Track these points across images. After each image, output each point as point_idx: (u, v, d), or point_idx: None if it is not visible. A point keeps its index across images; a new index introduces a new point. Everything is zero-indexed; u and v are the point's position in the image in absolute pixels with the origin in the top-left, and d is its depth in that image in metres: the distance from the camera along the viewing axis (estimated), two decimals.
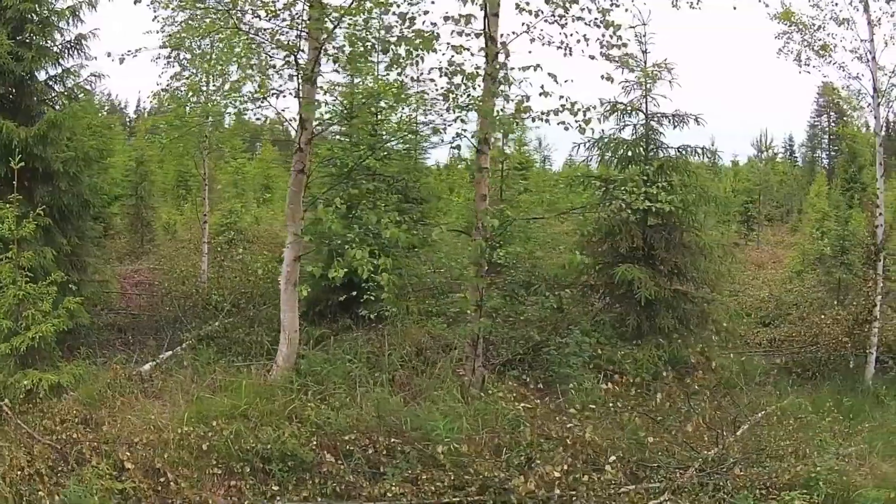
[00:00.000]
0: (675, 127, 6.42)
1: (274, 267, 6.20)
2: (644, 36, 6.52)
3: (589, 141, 5.97)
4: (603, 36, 4.83)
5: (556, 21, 4.90)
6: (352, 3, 4.24)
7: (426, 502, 3.39)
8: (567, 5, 4.67)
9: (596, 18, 4.75)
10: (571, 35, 4.93)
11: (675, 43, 7.46)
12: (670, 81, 6.51)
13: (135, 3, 4.55)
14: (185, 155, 8.93)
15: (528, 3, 4.80)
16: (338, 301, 5.73)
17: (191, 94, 5.05)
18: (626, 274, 5.61)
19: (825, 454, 4.36)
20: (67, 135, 6.41)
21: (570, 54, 4.99)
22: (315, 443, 3.91)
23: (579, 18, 4.91)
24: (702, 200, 6.10)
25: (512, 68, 4.67)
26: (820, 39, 7.03)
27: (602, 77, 4.92)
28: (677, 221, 6.07)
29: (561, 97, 4.47)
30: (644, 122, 6.45)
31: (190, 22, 4.66)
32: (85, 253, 6.92)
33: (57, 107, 6.61)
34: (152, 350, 6.30)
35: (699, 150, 6.49)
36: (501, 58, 4.65)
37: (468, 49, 4.59)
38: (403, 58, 4.30)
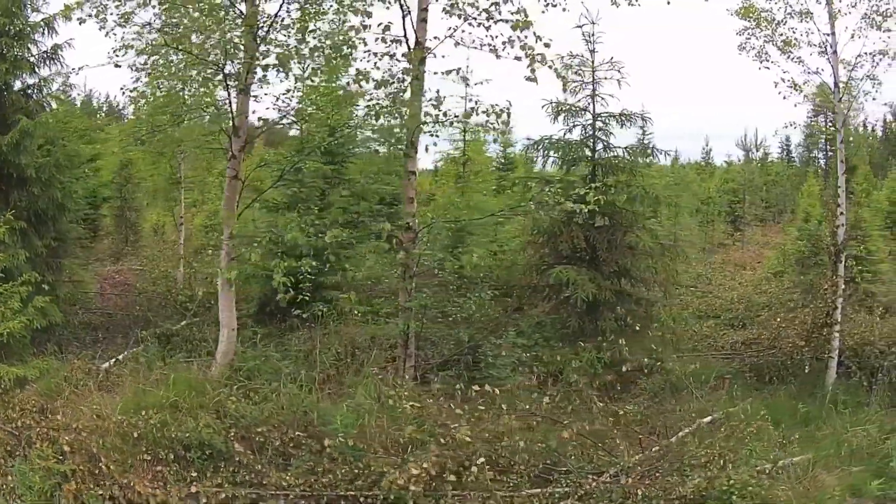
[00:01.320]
0: (621, 126, 6.57)
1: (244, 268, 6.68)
2: (592, 35, 6.70)
3: (530, 143, 6.19)
4: (526, 37, 5.05)
5: (480, 24, 5.15)
6: (274, 19, 4.61)
7: (322, 493, 3.74)
8: (489, 8, 4.93)
9: (518, 19, 4.96)
10: (497, 37, 5.19)
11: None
12: (619, 80, 6.68)
13: (80, 23, 5.04)
14: (165, 157, 9.49)
15: (451, 7, 5.08)
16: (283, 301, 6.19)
17: (142, 101, 5.52)
18: (561, 275, 5.80)
19: (744, 466, 4.38)
20: (40, 142, 7.03)
21: (498, 56, 5.24)
22: (233, 434, 4.32)
23: (502, 20, 5.14)
24: (646, 200, 6.22)
25: (436, 73, 4.96)
26: (782, 35, 7.01)
27: (526, 78, 5.14)
28: (622, 222, 6.21)
29: (471, 99, 4.71)
30: (591, 122, 6.63)
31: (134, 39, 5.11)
32: (62, 254, 7.54)
33: (34, 115, 7.24)
34: (119, 347, 6.87)
35: (650, 150, 6.62)
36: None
37: (392, 55, 4.92)
38: (326, 66, 4.65)
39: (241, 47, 4.88)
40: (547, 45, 5.01)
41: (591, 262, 6.21)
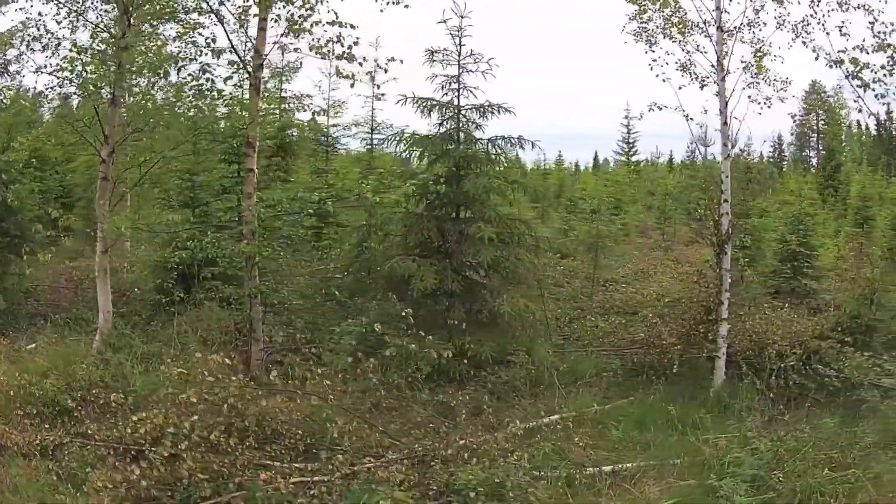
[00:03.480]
0: (482, 117, 7.26)
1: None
2: (460, 29, 7.45)
3: (385, 137, 7.03)
4: (348, 37, 5.96)
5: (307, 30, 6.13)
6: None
7: (111, 444, 4.88)
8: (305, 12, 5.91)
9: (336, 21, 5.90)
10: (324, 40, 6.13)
11: None
12: (483, 73, 7.35)
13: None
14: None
15: (278, 17, 6.14)
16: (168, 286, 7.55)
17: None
18: (397, 267, 6.58)
19: (521, 466, 4.73)
20: None
21: (323, 58, 6.19)
22: (78, 395, 5.66)
23: (317, 23, 6.08)
24: (502, 191, 6.83)
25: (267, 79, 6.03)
26: (672, 13, 7.32)
27: (340, 75, 6.07)
28: (477, 215, 6.86)
29: (306, 95, 5.67)
30: (454, 115, 7.35)
31: None
32: (8, 251, 9.37)
33: None
34: (49, 331, 8.54)
35: (513, 141, 7.23)
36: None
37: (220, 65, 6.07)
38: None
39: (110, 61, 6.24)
40: (366, 45, 5.92)
41: (445, 253, 6.94)
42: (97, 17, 6.48)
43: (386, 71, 6.06)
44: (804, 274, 9.64)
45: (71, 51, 6.13)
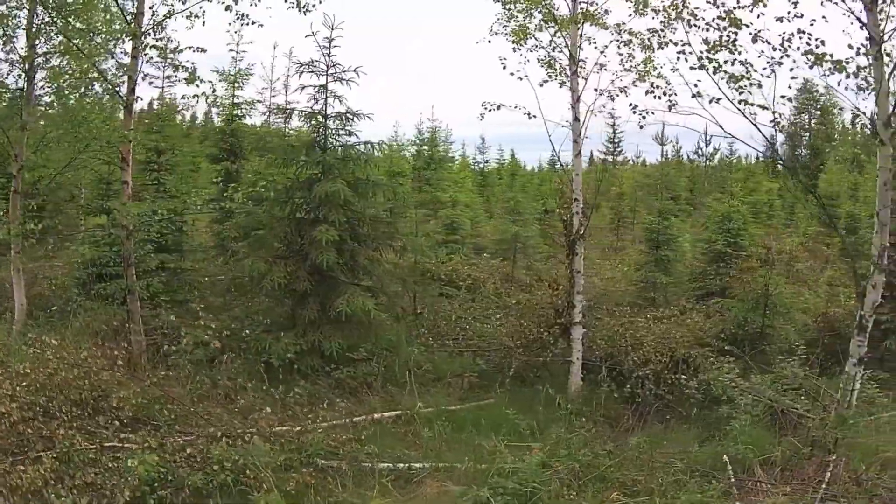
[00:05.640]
0: (344, 125, 7.63)
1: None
2: (329, 41, 7.85)
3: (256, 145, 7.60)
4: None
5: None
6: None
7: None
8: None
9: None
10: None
11: None
12: (347, 82, 7.72)
13: None
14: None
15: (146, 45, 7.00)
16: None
17: None
18: (248, 267, 7.15)
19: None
20: None
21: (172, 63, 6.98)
22: None
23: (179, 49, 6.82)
24: (346, 195, 7.19)
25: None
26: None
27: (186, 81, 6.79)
28: (323, 216, 7.22)
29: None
30: (322, 123, 7.77)
31: None
32: None
33: None
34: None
35: (370, 145, 7.61)
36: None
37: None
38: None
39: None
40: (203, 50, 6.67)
41: (302, 254, 7.42)
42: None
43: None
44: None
45: None
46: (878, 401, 6.39)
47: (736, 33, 5.53)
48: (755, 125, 5.80)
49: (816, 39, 5.57)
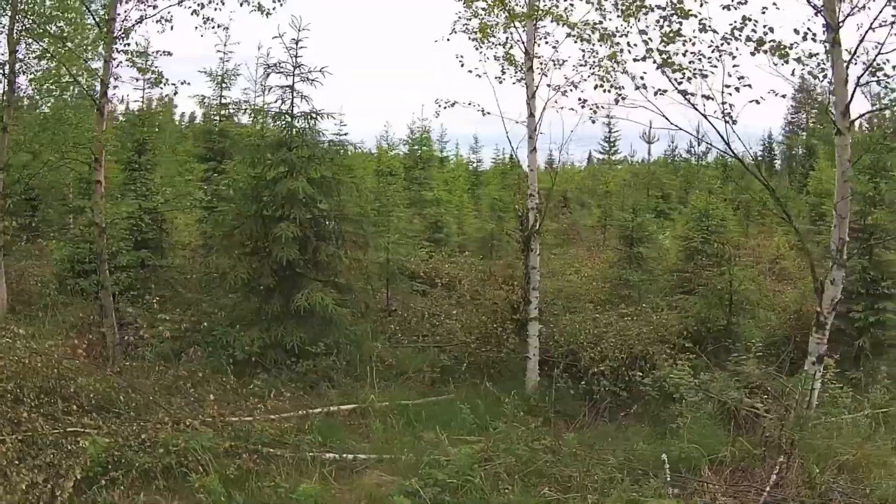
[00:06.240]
0: (309, 124, 7.83)
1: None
2: (297, 42, 8.07)
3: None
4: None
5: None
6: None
7: None
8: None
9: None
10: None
11: None
12: (313, 81, 7.92)
13: None
14: None
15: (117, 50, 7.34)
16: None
17: None
18: (212, 263, 7.38)
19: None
20: None
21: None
22: None
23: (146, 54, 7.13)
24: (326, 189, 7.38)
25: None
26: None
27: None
28: (284, 214, 7.37)
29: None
30: (289, 122, 7.98)
31: None
32: None
33: None
34: None
35: (334, 144, 7.79)
36: None
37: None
38: None
39: None
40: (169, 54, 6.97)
41: (267, 251, 7.63)
42: None
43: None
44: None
45: None
46: (841, 401, 6.30)
47: (681, 23, 5.52)
48: (703, 115, 5.77)
49: (765, 27, 5.52)
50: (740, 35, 5.61)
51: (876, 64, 5.63)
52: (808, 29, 5.32)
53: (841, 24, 5.71)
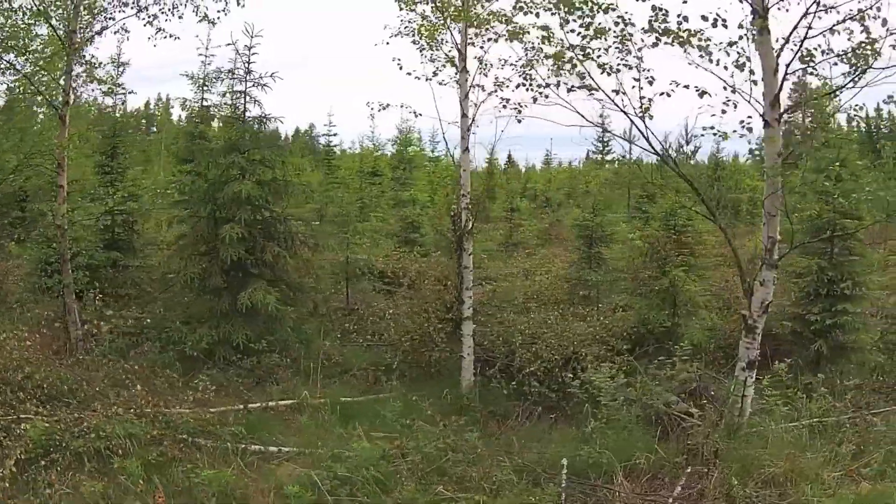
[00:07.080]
0: (258, 128, 8.16)
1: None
2: (249, 48, 8.40)
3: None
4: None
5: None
6: None
7: None
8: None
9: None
10: None
11: None
12: (262, 86, 8.25)
13: None
14: None
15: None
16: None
17: None
18: (168, 264, 7.77)
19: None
20: None
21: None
22: None
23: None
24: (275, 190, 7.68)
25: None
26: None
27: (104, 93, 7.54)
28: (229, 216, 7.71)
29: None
30: (241, 127, 8.31)
31: None
32: None
33: None
34: None
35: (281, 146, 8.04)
36: None
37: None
38: None
39: None
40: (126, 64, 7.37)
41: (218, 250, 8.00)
42: None
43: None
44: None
45: None
46: (777, 409, 6.12)
47: (592, 17, 5.51)
48: (623, 111, 5.73)
49: (680, 16, 5.41)
50: (656, 27, 5.52)
51: (805, 49, 5.45)
52: (718, 16, 5.18)
53: (769, 8, 5.54)
